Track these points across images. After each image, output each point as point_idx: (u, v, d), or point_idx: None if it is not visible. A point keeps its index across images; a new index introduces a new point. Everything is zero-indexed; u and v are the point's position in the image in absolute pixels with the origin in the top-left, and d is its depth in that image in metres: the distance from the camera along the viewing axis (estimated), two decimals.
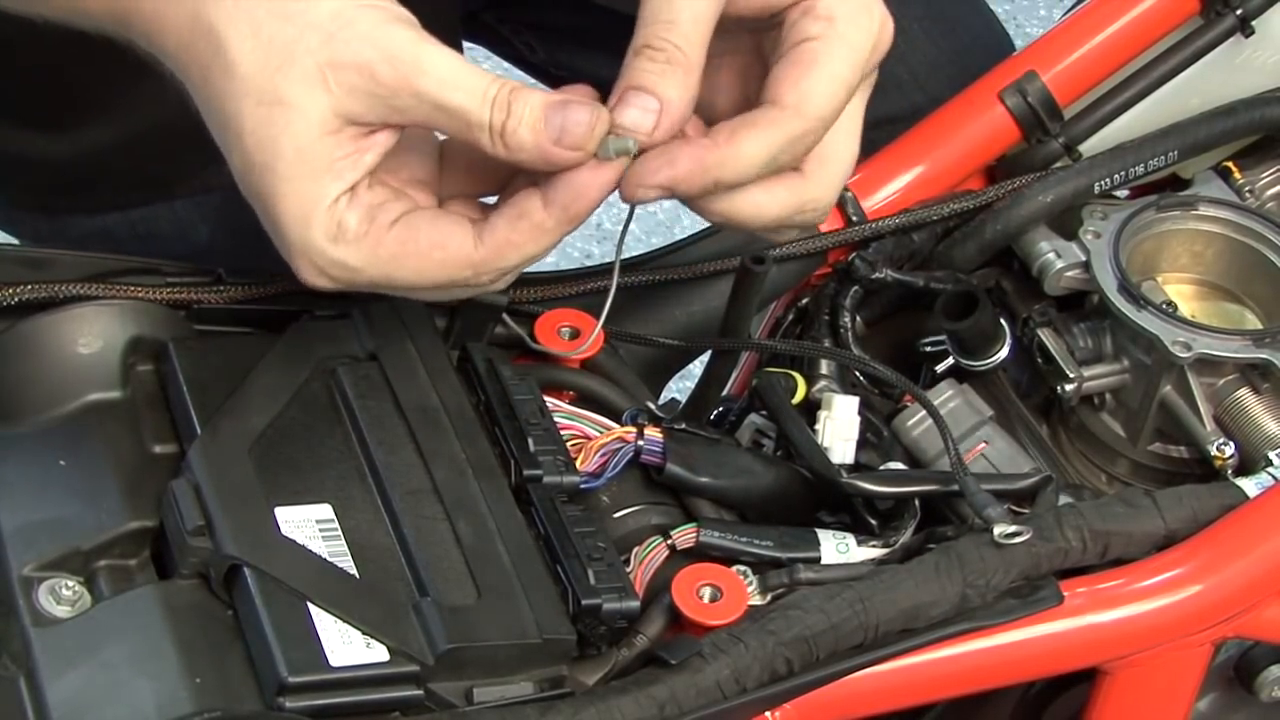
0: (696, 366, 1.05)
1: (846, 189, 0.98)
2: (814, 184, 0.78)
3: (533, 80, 1.32)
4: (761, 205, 0.77)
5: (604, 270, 0.93)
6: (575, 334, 0.90)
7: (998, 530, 0.80)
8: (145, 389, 0.80)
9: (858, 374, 0.95)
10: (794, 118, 0.76)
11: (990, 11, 1.23)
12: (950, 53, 1.16)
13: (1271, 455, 0.90)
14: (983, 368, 0.97)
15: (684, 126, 0.76)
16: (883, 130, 0.88)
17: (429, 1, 0.75)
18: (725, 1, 0.76)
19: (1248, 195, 1.03)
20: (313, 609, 0.72)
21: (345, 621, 0.72)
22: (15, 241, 1.17)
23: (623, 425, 0.85)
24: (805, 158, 0.77)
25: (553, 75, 1.29)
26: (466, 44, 1.27)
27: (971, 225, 1.00)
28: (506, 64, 1.30)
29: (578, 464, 0.82)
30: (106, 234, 1.10)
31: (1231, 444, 0.91)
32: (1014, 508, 0.87)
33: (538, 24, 1.24)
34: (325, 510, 0.76)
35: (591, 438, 0.84)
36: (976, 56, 1.17)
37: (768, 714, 0.78)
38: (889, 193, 1.00)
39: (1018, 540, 0.81)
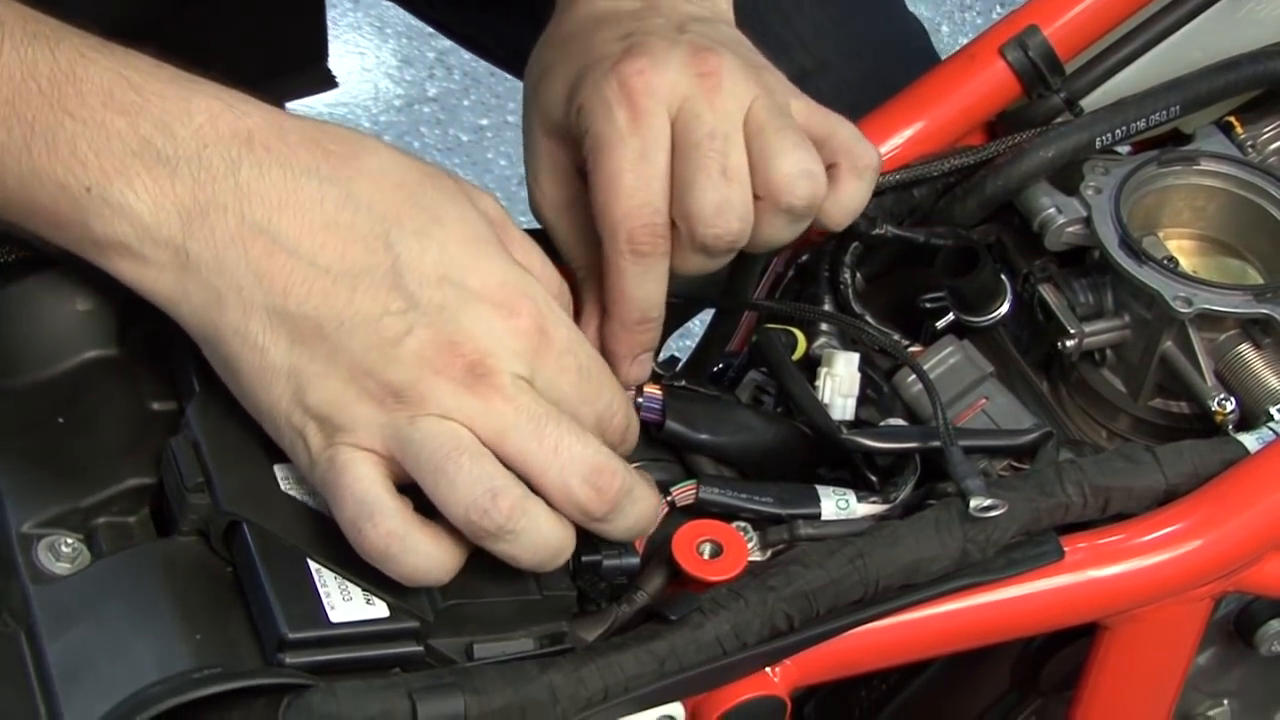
0: (696, 324, 1.05)
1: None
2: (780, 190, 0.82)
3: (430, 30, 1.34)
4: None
5: None
6: None
7: (973, 503, 0.80)
8: (143, 346, 0.80)
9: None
10: (610, 235, 0.80)
11: None
12: (835, 15, 1.17)
13: (1272, 410, 0.90)
14: (983, 324, 0.97)
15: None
16: None
17: None
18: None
19: (1249, 150, 1.02)
20: (312, 565, 0.72)
21: (345, 578, 0.72)
22: None
23: None
24: (764, 182, 0.81)
25: (455, 33, 1.30)
26: None
27: (972, 181, 0.99)
28: (412, 19, 1.31)
29: None
30: None
31: (1232, 399, 0.91)
32: (1014, 463, 0.87)
33: None
34: None
35: None
36: (862, 18, 1.18)
37: (768, 670, 0.78)
38: (889, 148, 1.00)
39: (992, 514, 0.80)
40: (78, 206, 0.71)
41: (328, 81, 1.26)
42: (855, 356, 0.89)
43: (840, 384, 0.88)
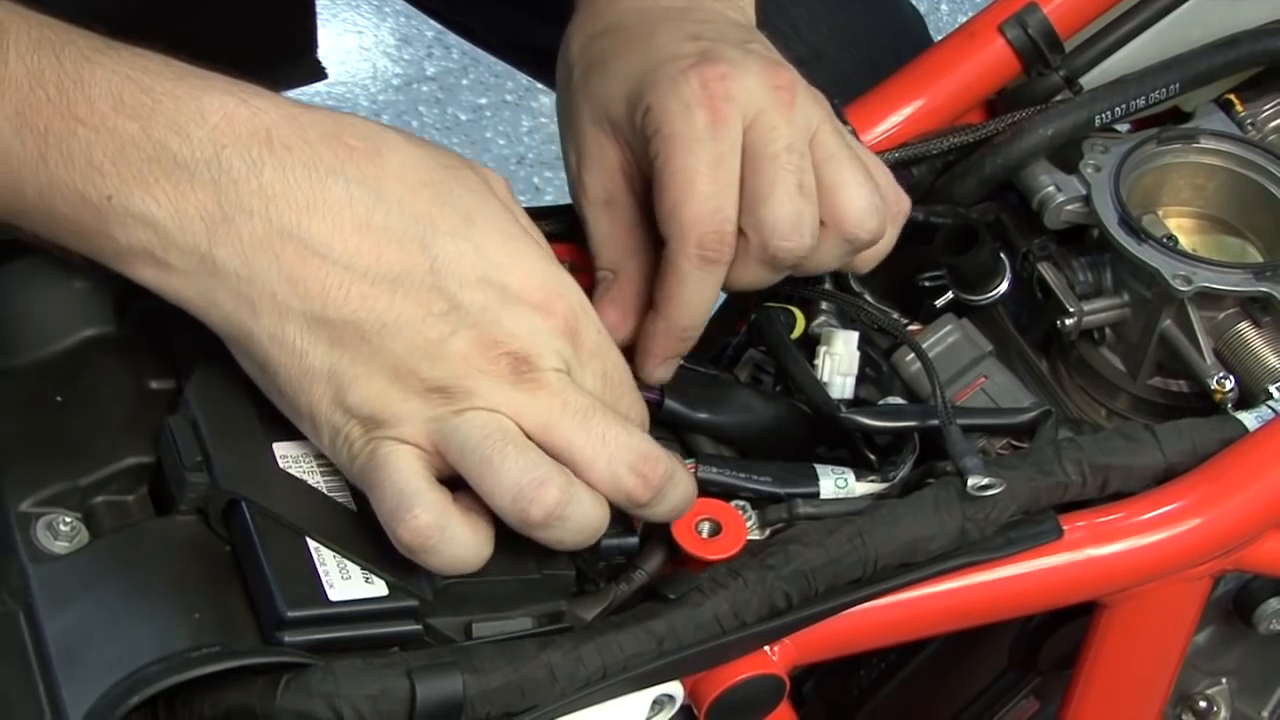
0: None
1: (846, 122, 0.98)
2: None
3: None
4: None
5: None
6: (573, 269, 0.89)
7: (971, 482, 0.80)
8: (142, 324, 0.80)
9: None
10: (679, 237, 0.79)
11: None
12: (830, 4, 1.17)
13: (1271, 388, 0.90)
14: (982, 302, 0.97)
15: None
16: None
17: None
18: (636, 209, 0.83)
19: (1249, 128, 1.02)
20: (311, 544, 0.72)
21: (344, 556, 0.72)
22: None
23: None
24: (832, 209, 0.81)
25: (447, 20, 1.31)
26: None
27: (971, 159, 0.99)
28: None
29: None
30: None
31: (1231, 377, 0.90)
32: (1014, 442, 0.87)
33: None
34: None
35: None
36: (857, 6, 1.17)
37: (767, 648, 0.78)
38: (888, 126, 1.00)
39: (990, 493, 0.80)
40: (100, 216, 0.70)
41: (317, 73, 1.25)
42: (854, 335, 0.89)
43: (839, 362, 0.88)
